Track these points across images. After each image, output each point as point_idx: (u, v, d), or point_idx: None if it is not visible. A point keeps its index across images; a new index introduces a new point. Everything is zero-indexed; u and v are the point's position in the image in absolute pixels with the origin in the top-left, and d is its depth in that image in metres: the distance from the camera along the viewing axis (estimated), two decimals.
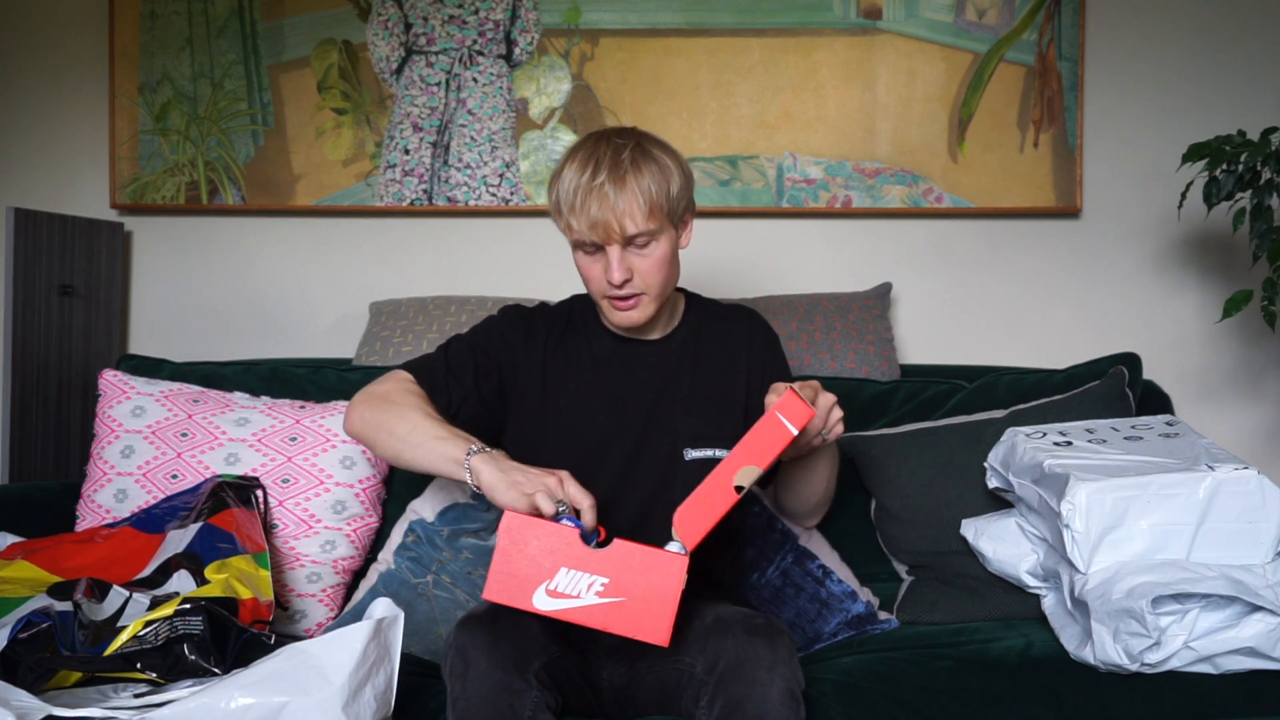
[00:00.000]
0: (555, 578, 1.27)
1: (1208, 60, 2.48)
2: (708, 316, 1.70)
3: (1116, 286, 2.50)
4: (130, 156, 2.50)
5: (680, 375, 1.63)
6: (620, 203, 1.48)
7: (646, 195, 1.49)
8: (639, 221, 1.49)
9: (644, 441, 1.59)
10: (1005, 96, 2.45)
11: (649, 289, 1.55)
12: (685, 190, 1.56)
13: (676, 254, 1.58)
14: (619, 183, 1.48)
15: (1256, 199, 2.05)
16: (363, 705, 1.23)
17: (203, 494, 1.77)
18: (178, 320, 2.56)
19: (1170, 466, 1.59)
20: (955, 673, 1.56)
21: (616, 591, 1.27)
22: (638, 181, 1.49)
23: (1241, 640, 1.47)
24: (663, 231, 1.53)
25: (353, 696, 1.22)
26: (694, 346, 1.66)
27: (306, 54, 2.49)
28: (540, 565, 1.27)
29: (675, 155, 1.56)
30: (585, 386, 1.62)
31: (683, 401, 1.61)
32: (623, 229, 1.49)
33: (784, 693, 1.26)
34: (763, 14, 2.46)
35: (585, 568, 1.27)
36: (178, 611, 1.44)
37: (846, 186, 2.46)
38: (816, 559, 1.83)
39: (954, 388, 2.09)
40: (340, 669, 1.22)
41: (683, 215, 1.58)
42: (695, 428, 1.60)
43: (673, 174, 1.53)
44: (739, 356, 1.66)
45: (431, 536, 1.81)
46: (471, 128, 2.48)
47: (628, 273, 1.52)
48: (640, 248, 1.52)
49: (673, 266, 1.57)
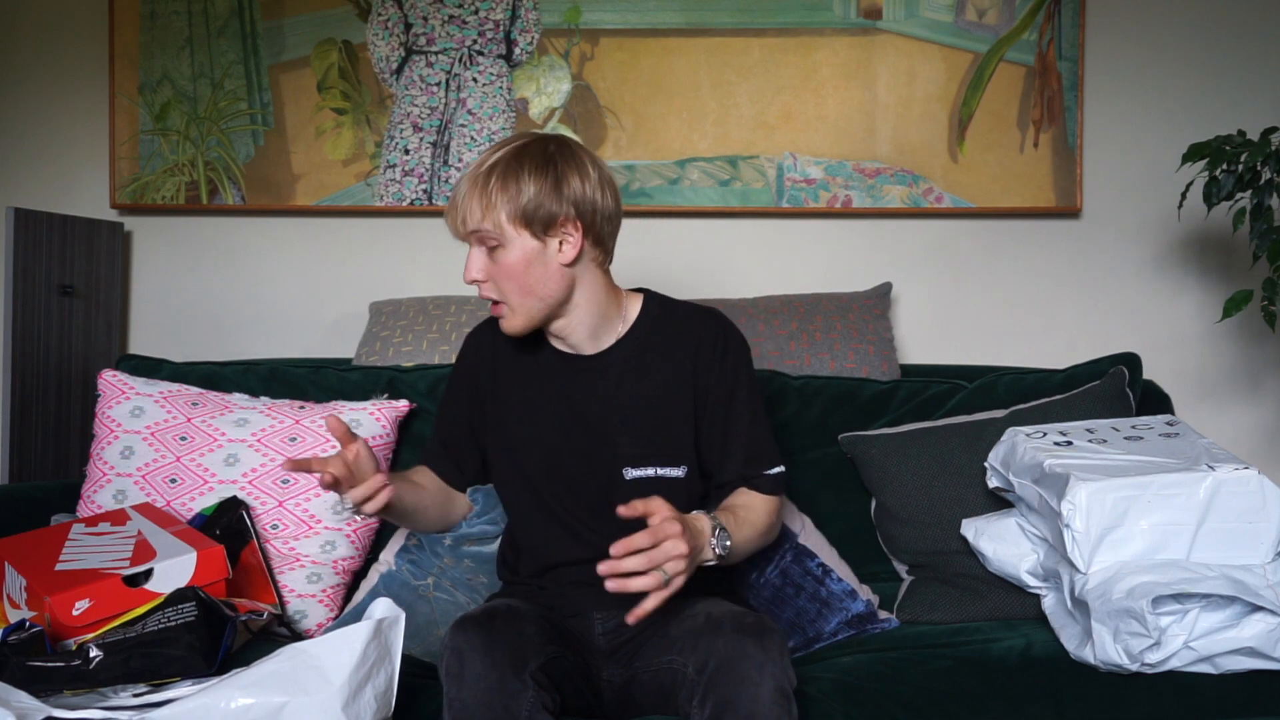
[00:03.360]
0: None
1: (1208, 60, 2.48)
2: (663, 324, 1.60)
3: (1116, 286, 2.50)
4: (130, 156, 2.50)
5: (620, 391, 1.57)
6: (460, 194, 1.48)
7: (487, 194, 1.45)
8: (475, 215, 1.46)
9: (585, 460, 1.56)
10: (1005, 96, 2.45)
11: (508, 299, 1.51)
12: (549, 192, 1.46)
13: (547, 267, 1.50)
14: (471, 183, 1.47)
15: (1256, 199, 2.05)
16: (363, 705, 1.23)
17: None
18: (177, 320, 2.56)
19: (1170, 466, 1.59)
20: (955, 672, 1.56)
21: None
22: (485, 176, 1.46)
23: (1241, 640, 1.46)
24: (516, 237, 1.47)
25: (353, 696, 1.22)
26: (637, 358, 1.58)
27: (306, 54, 2.49)
28: None
29: (550, 152, 1.49)
30: (530, 403, 1.60)
31: (621, 418, 1.56)
32: (465, 224, 1.48)
33: (774, 691, 1.25)
34: (763, 14, 2.46)
35: None
36: (169, 599, 1.44)
37: (846, 186, 2.46)
38: (816, 557, 1.83)
39: (954, 388, 2.09)
40: (340, 669, 1.22)
41: (549, 225, 1.48)
42: (635, 446, 1.55)
43: (529, 174, 1.46)
44: (684, 366, 1.57)
45: (433, 544, 1.81)
46: (471, 128, 2.48)
47: (482, 274, 1.50)
48: (490, 249, 1.49)
49: (535, 278, 1.49)
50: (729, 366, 1.58)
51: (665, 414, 1.57)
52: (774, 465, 1.58)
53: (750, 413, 1.58)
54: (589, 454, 1.56)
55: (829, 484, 1.98)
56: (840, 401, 2.06)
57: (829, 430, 2.02)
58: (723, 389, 1.57)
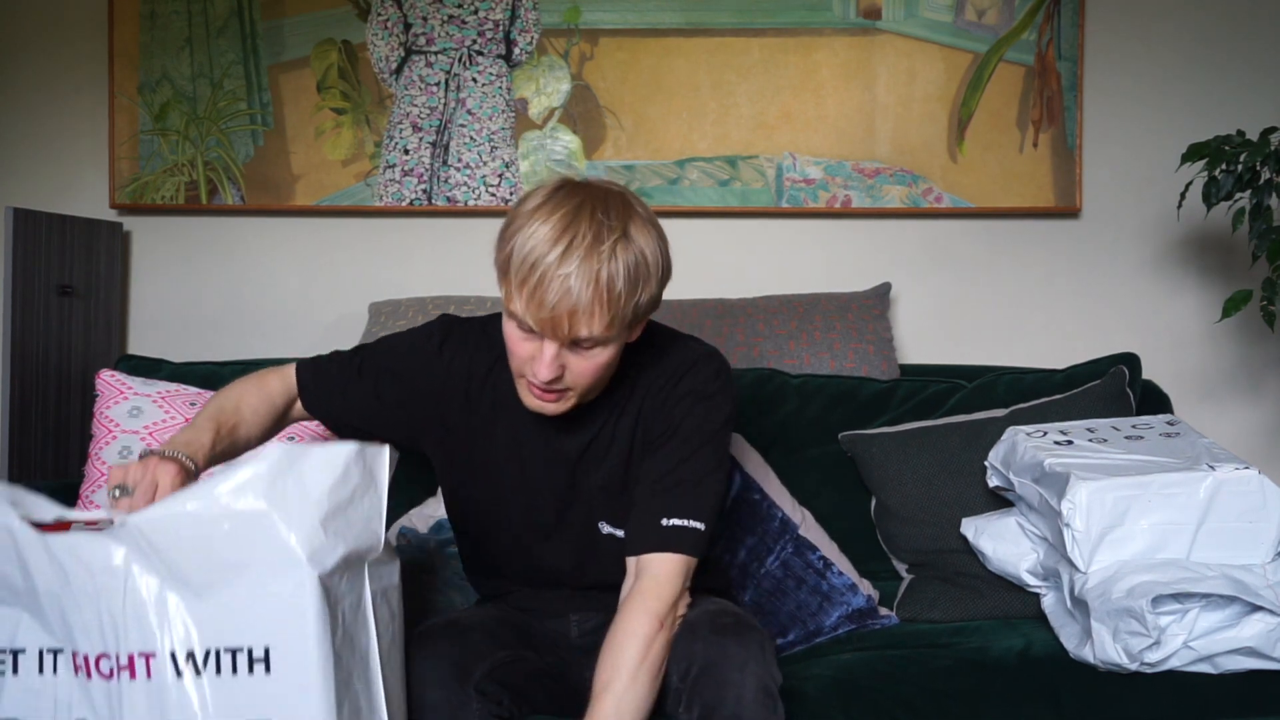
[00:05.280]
0: None
1: (1207, 60, 2.48)
2: (644, 357, 1.42)
3: (1116, 286, 2.50)
4: (130, 156, 2.50)
5: (600, 440, 1.42)
6: (581, 301, 1.21)
7: (614, 303, 1.24)
8: (594, 328, 1.24)
9: (563, 508, 1.45)
10: (1005, 96, 2.45)
11: (577, 388, 1.31)
12: (656, 296, 1.31)
13: (621, 352, 1.34)
14: (588, 279, 1.21)
15: (1256, 199, 2.05)
16: (344, 525, 1.16)
17: None
18: (177, 320, 2.56)
19: (1171, 466, 1.59)
20: (955, 671, 1.56)
21: None
22: (610, 283, 1.22)
23: (1241, 640, 1.46)
24: (615, 339, 1.29)
25: (333, 513, 1.15)
26: (620, 401, 1.42)
27: (306, 54, 2.49)
28: None
29: (659, 249, 1.29)
30: (510, 439, 1.44)
31: (598, 469, 1.43)
32: (573, 330, 1.24)
33: (758, 690, 1.24)
34: (763, 14, 2.46)
35: None
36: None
37: (846, 186, 2.46)
38: (817, 550, 1.83)
39: (954, 387, 2.09)
40: (319, 485, 1.15)
41: (642, 319, 1.34)
42: (608, 502, 1.44)
43: (651, 279, 1.28)
44: (643, 411, 1.40)
45: (423, 543, 1.82)
46: (471, 128, 2.48)
47: (559, 370, 1.28)
48: (585, 349, 1.28)
49: (612, 368, 1.34)
50: (675, 414, 1.38)
51: (629, 466, 1.43)
52: (688, 517, 1.33)
53: (688, 455, 1.36)
54: (568, 502, 1.45)
55: (829, 482, 1.99)
56: (840, 400, 2.06)
57: (829, 429, 2.03)
58: (667, 428, 1.38)
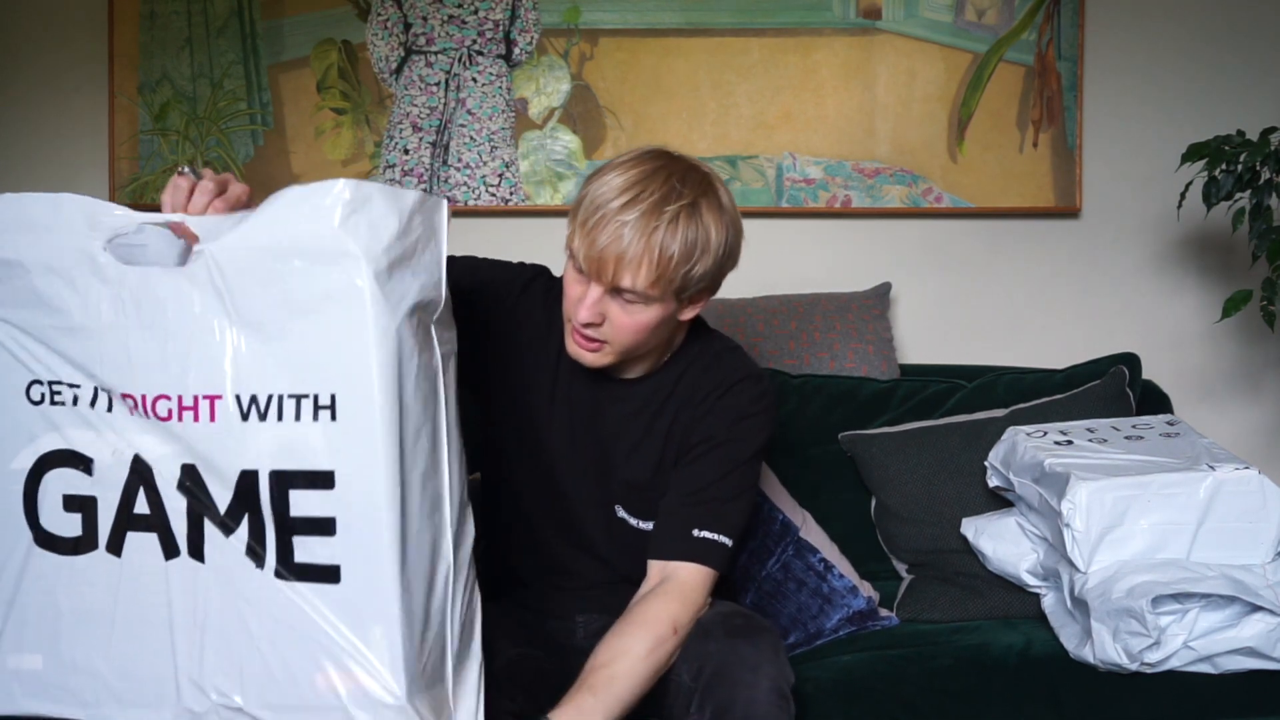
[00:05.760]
0: None
1: (1208, 60, 2.48)
2: (697, 364, 1.46)
3: (1116, 286, 2.50)
4: (130, 156, 2.50)
5: (635, 427, 1.45)
6: (630, 251, 1.27)
7: (663, 263, 1.28)
8: (638, 281, 1.29)
9: (586, 488, 1.47)
10: (1005, 96, 2.45)
11: (614, 343, 1.35)
12: (711, 276, 1.34)
13: (668, 324, 1.38)
14: (643, 232, 1.27)
15: (1256, 199, 2.05)
16: (411, 275, 1.07)
17: None
18: None
19: (1171, 466, 1.59)
20: (955, 671, 1.56)
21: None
22: (664, 244, 1.27)
23: (1241, 640, 1.47)
24: (659, 301, 1.32)
25: (401, 260, 1.06)
26: (664, 397, 1.45)
27: (306, 54, 2.49)
28: None
29: (726, 234, 1.34)
30: (540, 408, 1.46)
31: (626, 456, 1.45)
32: (616, 277, 1.29)
33: (771, 691, 1.24)
34: (762, 14, 2.46)
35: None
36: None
37: (846, 186, 2.46)
38: (818, 552, 1.83)
39: (954, 387, 2.09)
40: (388, 229, 1.05)
41: (695, 295, 1.36)
42: (629, 493, 1.46)
43: (708, 256, 1.32)
44: (680, 416, 1.43)
45: None
46: (471, 128, 2.48)
47: (599, 317, 1.32)
48: (627, 302, 1.31)
49: (654, 334, 1.36)
50: (704, 428, 1.42)
51: (663, 463, 1.45)
52: (718, 532, 1.37)
53: (727, 472, 1.40)
54: (594, 483, 1.47)
55: (829, 482, 1.99)
56: (840, 400, 2.06)
57: (829, 428, 2.03)
58: (705, 439, 1.41)
